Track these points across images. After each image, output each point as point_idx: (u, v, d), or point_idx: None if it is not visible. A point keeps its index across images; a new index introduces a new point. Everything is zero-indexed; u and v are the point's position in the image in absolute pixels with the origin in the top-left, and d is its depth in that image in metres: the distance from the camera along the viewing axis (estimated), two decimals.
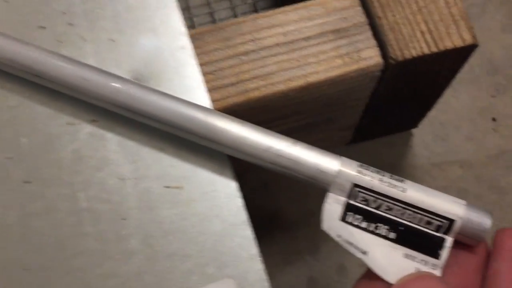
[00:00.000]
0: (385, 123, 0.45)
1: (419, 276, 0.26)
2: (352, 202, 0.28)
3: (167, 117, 0.29)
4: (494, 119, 0.50)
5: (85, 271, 0.28)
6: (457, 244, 0.28)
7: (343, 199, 0.28)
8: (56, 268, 0.29)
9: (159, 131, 0.30)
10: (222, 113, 0.29)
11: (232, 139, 0.28)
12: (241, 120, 0.29)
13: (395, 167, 0.48)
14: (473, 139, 0.49)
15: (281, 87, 0.33)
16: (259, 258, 0.29)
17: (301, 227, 0.44)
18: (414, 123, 0.47)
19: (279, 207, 0.46)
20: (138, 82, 0.30)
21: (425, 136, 0.49)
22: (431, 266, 0.27)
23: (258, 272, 0.29)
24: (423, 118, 0.46)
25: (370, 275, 0.27)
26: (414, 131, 0.50)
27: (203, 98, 0.31)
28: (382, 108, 0.41)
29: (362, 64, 0.33)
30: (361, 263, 0.41)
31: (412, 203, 0.27)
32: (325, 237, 0.28)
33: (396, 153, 0.49)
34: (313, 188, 0.28)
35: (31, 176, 0.30)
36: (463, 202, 0.27)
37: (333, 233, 0.28)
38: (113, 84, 0.29)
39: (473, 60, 0.52)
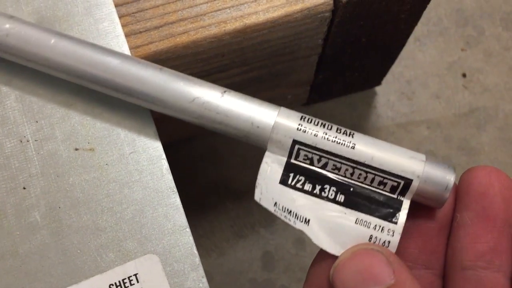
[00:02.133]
0: (344, 79, 0.41)
1: (360, 251, 0.22)
2: (293, 161, 0.23)
3: (72, 64, 0.24)
4: (464, 75, 0.46)
5: None
6: (416, 204, 0.23)
7: (282, 158, 0.23)
8: None
9: (66, 83, 0.25)
10: (138, 59, 0.24)
11: (151, 89, 0.24)
12: (161, 67, 0.24)
13: (358, 129, 0.43)
14: (441, 97, 0.45)
15: (214, 30, 0.28)
16: (187, 230, 0.25)
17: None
18: (377, 79, 0.43)
19: (230, 176, 0.42)
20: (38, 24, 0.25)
21: (389, 95, 0.45)
22: (388, 233, 0.23)
23: (186, 246, 0.24)
24: (386, 73, 0.42)
25: (325, 254, 0.23)
26: (378, 89, 0.45)
27: (120, 44, 0.27)
28: (339, 61, 0.37)
29: (308, 3, 0.29)
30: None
31: (362, 161, 0.23)
32: None
33: (358, 114, 0.44)
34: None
35: None
36: (422, 157, 0.23)
37: (268, 203, 0.23)
38: (3, 25, 0.24)
39: (441, 10, 0.48)
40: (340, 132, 0.23)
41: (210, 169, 0.42)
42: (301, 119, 0.23)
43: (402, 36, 0.37)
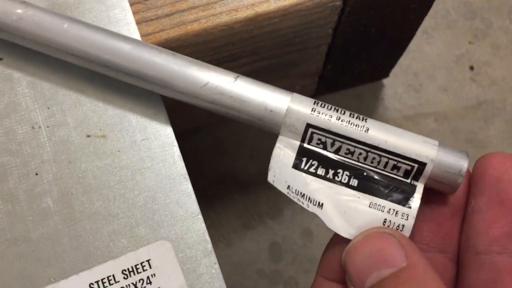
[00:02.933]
0: (352, 71, 0.41)
1: (372, 234, 0.22)
2: (306, 145, 0.23)
3: (85, 49, 0.24)
4: (471, 68, 0.46)
5: None
6: (430, 190, 0.23)
7: (295, 142, 0.23)
8: None
9: (77, 69, 0.25)
10: (150, 44, 0.24)
11: (163, 73, 0.24)
12: (173, 52, 0.24)
13: None
14: (449, 89, 0.45)
15: (225, 18, 0.28)
16: (200, 216, 0.25)
17: (262, 188, 0.40)
18: (385, 71, 0.43)
19: (237, 167, 0.42)
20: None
21: (397, 87, 0.45)
22: (402, 216, 0.23)
23: (199, 232, 0.24)
24: (394, 65, 0.42)
25: (338, 239, 0.23)
26: (385, 81, 0.45)
27: (131, 31, 0.27)
28: (348, 51, 0.37)
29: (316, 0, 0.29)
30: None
31: (376, 145, 0.23)
32: (288, 199, 0.24)
33: (366, 106, 0.44)
34: (274, 144, 0.23)
35: None
36: (435, 142, 0.23)
37: (281, 185, 0.23)
38: (15, 10, 0.24)
39: (449, 3, 0.48)
40: (353, 117, 0.23)
41: (217, 161, 0.42)
42: (314, 103, 0.23)
43: (411, 27, 0.36)
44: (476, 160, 0.24)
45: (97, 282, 0.23)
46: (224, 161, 0.42)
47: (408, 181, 0.23)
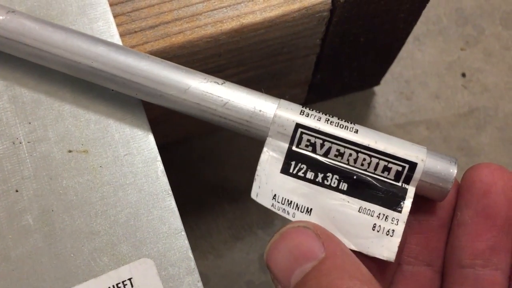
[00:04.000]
0: (342, 79, 0.40)
1: (287, 230, 0.21)
2: (295, 148, 0.23)
3: (67, 52, 0.23)
4: (463, 75, 0.45)
5: None
6: (418, 198, 0.23)
7: (284, 144, 0.23)
8: None
9: (59, 84, 0.25)
10: (131, 49, 0.24)
11: (145, 78, 0.23)
12: (156, 57, 0.24)
13: None
14: (441, 97, 0.45)
15: (210, 30, 0.27)
16: (183, 233, 0.24)
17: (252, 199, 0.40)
18: (376, 79, 0.43)
19: (227, 177, 0.41)
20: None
21: (388, 95, 0.45)
22: (392, 221, 0.22)
23: (182, 249, 0.24)
24: (385, 73, 0.41)
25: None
26: (377, 89, 0.45)
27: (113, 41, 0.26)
28: (337, 60, 0.37)
29: (306, 2, 0.28)
30: None
31: (366, 145, 0.22)
32: None
33: (356, 114, 0.44)
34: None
35: None
36: (424, 147, 0.23)
37: (266, 198, 0.23)
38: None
39: (441, 10, 0.47)
40: (342, 120, 0.23)
41: (207, 170, 0.41)
42: (303, 107, 0.23)
43: (401, 36, 0.36)
44: (465, 171, 0.23)
45: None
46: (214, 171, 0.41)
47: (399, 184, 0.22)
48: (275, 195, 0.23)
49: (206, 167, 0.42)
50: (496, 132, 0.43)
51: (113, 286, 0.23)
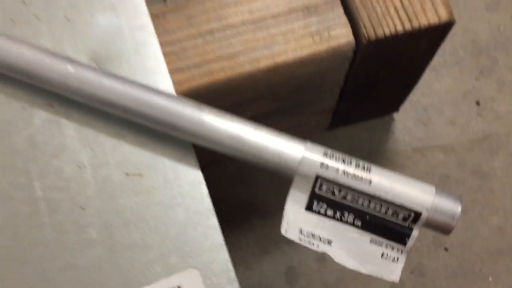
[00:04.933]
0: (364, 107, 0.44)
1: None
2: (317, 191, 0.26)
3: (124, 104, 0.27)
4: (478, 103, 0.49)
5: (42, 263, 0.27)
6: None
7: (308, 187, 0.26)
8: (12, 259, 0.27)
9: (117, 119, 0.29)
10: (181, 98, 0.28)
11: (193, 126, 0.27)
12: (202, 105, 0.27)
13: (376, 153, 0.46)
14: (456, 123, 0.48)
15: (248, 68, 0.31)
16: (224, 247, 0.28)
17: (280, 215, 0.43)
18: (395, 106, 0.46)
19: (257, 195, 0.45)
20: (94, 64, 0.29)
21: (406, 121, 0.48)
22: (397, 251, 0.26)
23: (223, 261, 0.27)
24: (403, 101, 0.45)
25: None
26: (396, 115, 0.48)
27: (165, 80, 0.30)
28: (359, 91, 0.40)
29: (333, 43, 0.32)
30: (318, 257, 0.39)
31: (378, 195, 0.26)
32: None
33: (377, 139, 0.47)
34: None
35: None
36: (432, 189, 0.26)
37: (293, 233, 0.26)
38: (65, 67, 0.27)
39: (457, 41, 0.50)
40: (358, 167, 0.26)
41: (238, 189, 0.45)
42: (324, 155, 0.26)
43: (419, 70, 0.40)
44: None
45: None
46: (244, 188, 0.45)
47: (406, 225, 0.26)
48: (301, 229, 0.26)
49: (236, 184, 0.46)
50: (509, 158, 0.46)
51: None
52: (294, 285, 0.43)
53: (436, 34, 0.34)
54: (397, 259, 0.26)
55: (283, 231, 0.26)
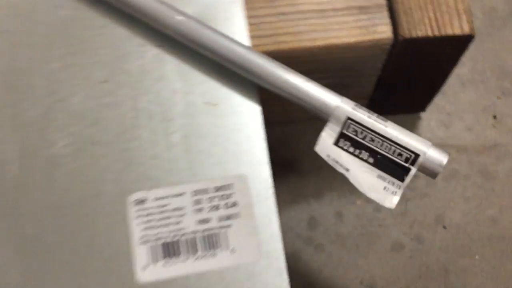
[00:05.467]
0: (395, 101, 0.53)
1: None
2: (344, 131, 0.36)
3: (214, 48, 0.38)
4: (495, 117, 0.57)
5: (135, 152, 0.37)
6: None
7: (338, 128, 0.36)
8: (116, 144, 0.38)
9: (208, 60, 0.39)
10: (256, 51, 0.38)
11: (261, 70, 0.37)
12: (270, 58, 0.37)
13: None
14: (473, 130, 0.56)
15: (307, 44, 0.41)
16: (268, 165, 0.38)
17: (313, 176, 0.53)
18: (422, 106, 0.55)
19: (297, 157, 0.55)
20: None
21: (431, 121, 0.57)
22: (396, 186, 0.35)
23: (265, 174, 0.37)
24: (429, 102, 0.54)
25: None
26: (423, 115, 0.57)
27: (245, 41, 0.40)
28: (393, 84, 0.49)
29: (376, 36, 0.42)
30: (356, 212, 0.49)
31: (390, 138, 0.35)
32: (330, 187, 0.37)
33: None
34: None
35: (107, 77, 0.39)
36: (429, 143, 0.35)
37: (323, 154, 0.36)
38: (178, 17, 0.38)
39: (487, 64, 0.59)
40: (379, 117, 0.35)
41: (282, 150, 0.55)
42: (355, 105, 0.36)
43: (444, 73, 0.49)
44: None
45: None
46: (286, 150, 0.55)
47: (407, 165, 0.35)
48: (328, 155, 0.36)
49: (281, 146, 0.55)
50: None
51: (222, 186, 0.37)
52: (314, 231, 0.52)
53: (459, 43, 0.43)
54: (395, 192, 0.35)
55: (317, 149, 0.36)
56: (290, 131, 0.55)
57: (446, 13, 0.42)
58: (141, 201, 0.36)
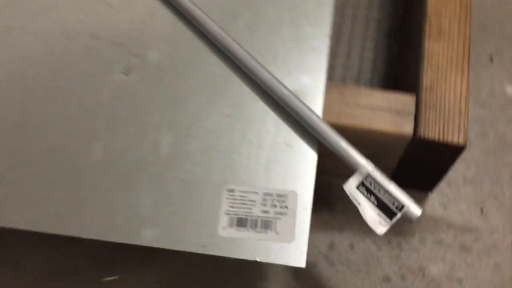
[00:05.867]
0: (410, 178, 0.75)
1: None
2: (364, 182, 0.58)
3: (301, 114, 0.61)
4: (481, 210, 0.78)
5: (236, 163, 0.61)
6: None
7: (361, 179, 0.59)
8: (226, 156, 0.61)
9: (293, 118, 0.63)
10: (323, 120, 0.61)
11: (324, 132, 0.60)
12: (331, 126, 0.61)
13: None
14: (463, 215, 0.77)
15: (359, 124, 0.65)
16: (311, 191, 0.60)
17: (339, 215, 0.75)
18: (430, 187, 0.76)
19: (332, 198, 0.77)
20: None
21: (434, 201, 0.78)
22: (386, 222, 0.57)
23: (308, 196, 0.60)
24: (435, 186, 0.75)
25: None
26: (430, 195, 0.79)
27: (318, 112, 0.64)
28: (410, 165, 0.71)
29: (401, 131, 0.64)
30: (364, 248, 0.71)
31: (390, 192, 0.57)
32: (350, 226, 0.59)
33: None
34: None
35: (230, 114, 0.64)
36: (412, 200, 0.57)
37: (347, 191, 0.59)
38: (284, 90, 0.62)
39: (487, 174, 0.80)
40: (387, 179, 0.58)
41: (322, 177, 0.77)
42: (375, 168, 0.59)
43: (444, 167, 0.70)
44: None
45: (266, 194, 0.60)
46: (326, 190, 0.77)
47: (396, 211, 0.57)
48: (350, 193, 0.59)
49: (318, 179, 0.78)
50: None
51: (278, 194, 0.60)
52: (331, 251, 0.74)
53: (455, 149, 0.65)
54: (385, 226, 0.57)
55: (344, 187, 0.58)
56: (330, 178, 0.78)
57: (451, 126, 0.65)
58: (231, 190, 0.60)
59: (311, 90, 0.65)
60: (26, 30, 0.66)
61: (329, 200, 0.78)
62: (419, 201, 0.79)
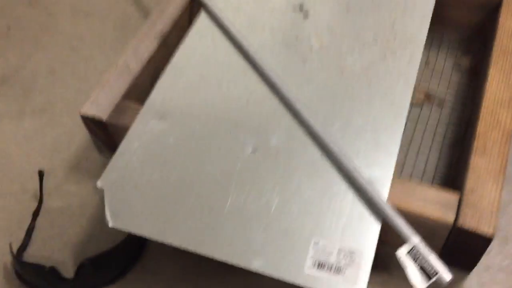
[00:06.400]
0: (453, 257, 0.96)
1: None
2: (413, 249, 0.82)
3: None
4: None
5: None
6: None
7: (410, 247, 0.82)
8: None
9: (367, 197, 0.88)
10: (387, 202, 0.86)
11: (386, 210, 0.85)
12: (394, 207, 0.85)
13: None
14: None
15: (413, 208, 0.89)
16: (373, 252, 0.84)
17: (386, 275, 0.98)
18: (469, 267, 0.97)
19: (391, 256, 1.00)
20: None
21: (472, 280, 0.99)
22: (424, 282, 0.80)
23: (369, 256, 0.84)
24: (473, 267, 0.96)
25: None
26: (470, 274, 1.00)
27: (384, 197, 0.88)
28: (451, 247, 0.94)
29: (445, 219, 0.88)
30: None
31: (430, 261, 0.81)
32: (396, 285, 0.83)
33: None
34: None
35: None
36: (447, 269, 0.80)
37: (398, 256, 0.82)
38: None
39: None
40: (429, 250, 0.81)
41: (380, 256, 1.00)
42: (422, 240, 0.82)
43: (477, 256, 0.92)
44: None
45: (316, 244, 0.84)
46: (383, 256, 1.00)
47: (432, 275, 0.80)
48: (400, 257, 0.82)
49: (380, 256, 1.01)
50: None
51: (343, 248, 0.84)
52: None
53: (485, 242, 0.87)
54: (423, 285, 0.80)
55: (396, 252, 0.82)
56: (388, 249, 1.01)
57: (483, 221, 0.87)
58: (317, 242, 0.85)
59: (381, 180, 0.90)
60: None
61: (387, 265, 1.01)
62: (457, 277, 1.00)
